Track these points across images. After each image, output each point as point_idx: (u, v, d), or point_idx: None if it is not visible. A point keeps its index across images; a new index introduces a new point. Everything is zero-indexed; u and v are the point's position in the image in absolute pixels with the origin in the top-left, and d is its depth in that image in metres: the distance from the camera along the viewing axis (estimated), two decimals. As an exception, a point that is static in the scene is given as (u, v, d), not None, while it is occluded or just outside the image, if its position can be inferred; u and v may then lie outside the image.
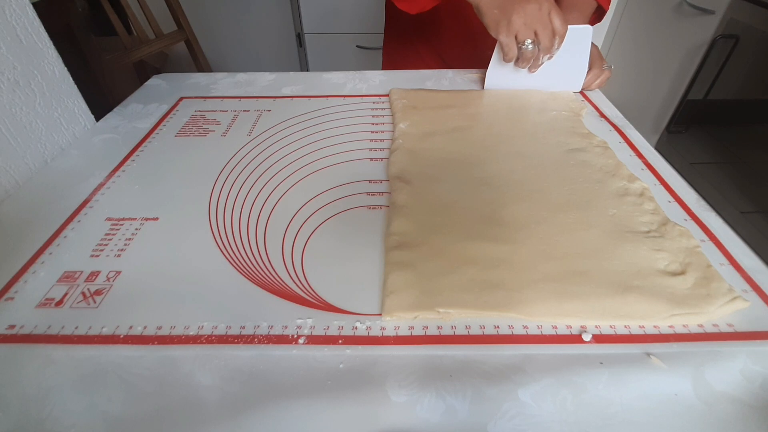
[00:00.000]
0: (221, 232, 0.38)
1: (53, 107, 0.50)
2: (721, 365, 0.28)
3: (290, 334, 0.30)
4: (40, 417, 0.25)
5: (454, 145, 0.49)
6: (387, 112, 0.57)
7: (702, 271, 0.33)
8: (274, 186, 0.44)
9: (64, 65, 0.51)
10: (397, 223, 0.38)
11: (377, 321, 0.31)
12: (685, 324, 0.30)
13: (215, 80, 0.67)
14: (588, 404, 0.26)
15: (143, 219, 0.40)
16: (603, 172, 0.44)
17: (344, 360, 0.28)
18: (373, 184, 0.44)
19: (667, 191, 0.43)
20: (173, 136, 0.53)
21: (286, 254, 0.36)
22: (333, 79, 0.66)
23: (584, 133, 0.51)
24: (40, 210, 0.41)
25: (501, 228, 0.37)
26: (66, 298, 0.32)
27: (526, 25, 0.51)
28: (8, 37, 0.44)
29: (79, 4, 1.04)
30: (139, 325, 0.30)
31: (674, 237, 0.36)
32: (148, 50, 1.09)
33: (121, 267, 0.35)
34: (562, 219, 0.38)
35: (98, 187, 0.44)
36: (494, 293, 0.32)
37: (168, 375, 0.28)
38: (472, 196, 0.41)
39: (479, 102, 0.58)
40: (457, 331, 0.30)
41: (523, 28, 0.51)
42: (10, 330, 0.30)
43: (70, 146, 0.51)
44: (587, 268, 0.34)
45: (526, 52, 0.53)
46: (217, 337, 0.30)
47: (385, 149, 0.50)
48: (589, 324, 0.30)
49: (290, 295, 0.33)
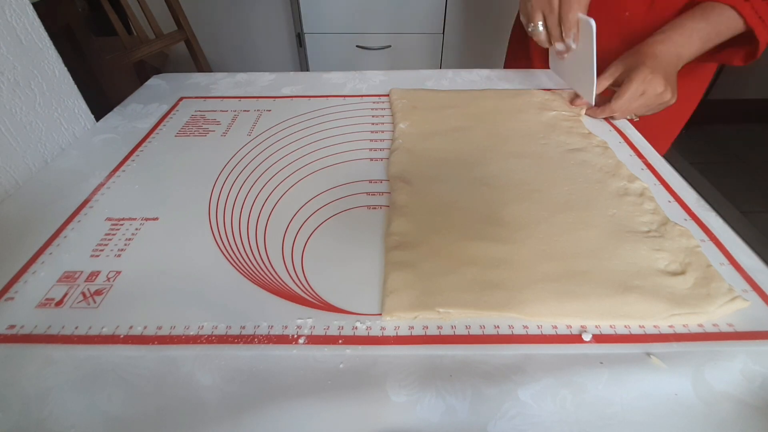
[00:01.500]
0: (221, 232, 0.38)
1: (53, 107, 0.50)
2: (721, 365, 0.28)
3: (290, 334, 0.30)
4: (40, 417, 0.25)
5: (454, 145, 0.49)
6: (387, 112, 0.57)
7: (702, 270, 0.33)
8: (274, 186, 0.44)
9: (64, 65, 0.51)
10: (397, 223, 0.38)
11: (377, 321, 0.31)
12: (685, 324, 0.30)
13: (215, 80, 0.67)
14: (588, 404, 0.26)
15: (143, 219, 0.40)
16: (603, 172, 0.44)
17: (344, 360, 0.28)
18: (373, 184, 0.44)
19: (667, 191, 0.43)
20: (173, 136, 0.53)
21: (286, 254, 0.36)
22: (333, 79, 0.66)
23: (584, 133, 0.51)
24: (40, 210, 0.41)
25: (501, 228, 0.37)
26: (66, 298, 0.32)
27: (534, 8, 0.53)
28: (8, 37, 0.44)
29: (79, 4, 1.04)
30: (139, 325, 0.30)
31: (674, 237, 0.36)
32: (148, 50, 1.09)
33: (121, 267, 0.35)
34: (562, 219, 0.38)
35: (98, 187, 0.44)
36: (494, 293, 0.32)
37: (168, 375, 0.28)
38: (472, 196, 0.41)
39: (479, 102, 0.58)
40: (457, 331, 0.30)
41: (531, 11, 0.53)
42: (10, 330, 0.30)
43: (70, 146, 0.51)
44: (587, 268, 0.34)
45: (534, 34, 0.54)
46: (217, 337, 0.30)
47: (385, 149, 0.50)
48: (589, 324, 0.30)
49: (290, 295, 0.33)
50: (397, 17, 1.46)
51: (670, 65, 0.51)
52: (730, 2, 0.50)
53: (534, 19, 0.53)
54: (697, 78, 0.65)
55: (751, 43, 0.52)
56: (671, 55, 0.51)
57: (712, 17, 0.51)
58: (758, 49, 0.52)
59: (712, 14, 0.51)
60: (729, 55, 0.56)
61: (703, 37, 0.52)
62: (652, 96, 0.49)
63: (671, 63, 0.51)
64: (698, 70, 0.63)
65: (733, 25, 0.51)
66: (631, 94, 0.49)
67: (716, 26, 0.51)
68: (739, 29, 0.51)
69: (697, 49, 0.52)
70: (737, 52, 0.55)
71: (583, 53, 0.51)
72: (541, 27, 0.53)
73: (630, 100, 0.50)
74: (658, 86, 0.49)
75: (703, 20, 0.52)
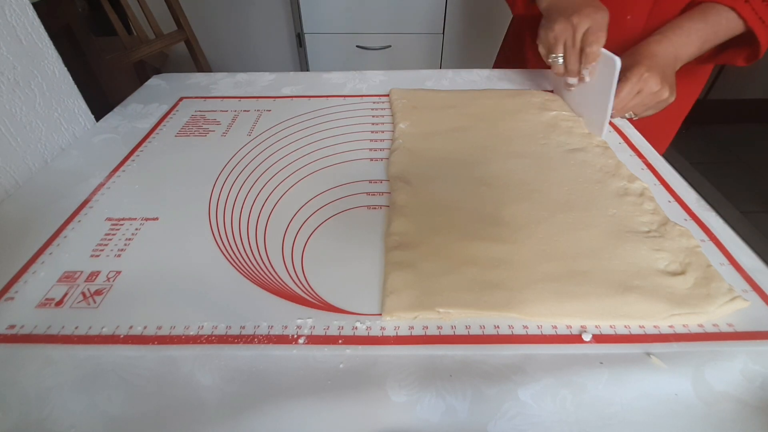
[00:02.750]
0: (221, 232, 0.38)
1: (53, 107, 0.50)
2: (721, 365, 0.28)
3: (290, 334, 0.30)
4: (40, 417, 0.25)
5: (454, 145, 0.49)
6: (387, 112, 0.57)
7: (702, 270, 0.33)
8: (274, 186, 0.44)
9: (64, 65, 0.51)
10: (397, 223, 0.38)
11: (377, 321, 0.31)
12: (685, 324, 0.30)
13: (215, 80, 0.67)
14: (588, 404, 0.26)
15: (143, 219, 0.40)
16: (603, 172, 0.44)
17: (344, 360, 0.28)
18: (373, 184, 0.44)
19: (667, 191, 0.43)
20: (173, 136, 0.53)
21: (286, 254, 0.36)
22: (333, 79, 0.66)
23: (584, 133, 0.51)
24: (40, 210, 0.41)
25: (501, 228, 0.37)
26: (66, 298, 0.32)
27: (557, 39, 0.51)
28: (8, 37, 0.44)
29: (79, 4, 1.04)
30: (139, 325, 0.30)
31: (674, 237, 0.36)
32: (148, 50, 1.09)
33: (121, 267, 0.35)
34: (562, 219, 0.38)
35: (98, 187, 0.44)
36: (494, 293, 0.32)
37: (168, 375, 0.28)
38: (472, 196, 0.41)
39: (479, 102, 0.58)
40: (457, 331, 0.30)
41: (554, 42, 0.51)
42: (10, 330, 0.30)
43: (70, 146, 0.51)
44: (587, 268, 0.34)
45: (554, 66, 0.53)
46: (217, 337, 0.30)
47: (385, 149, 0.50)
48: (589, 324, 0.30)
49: (290, 295, 0.33)
50: (397, 17, 1.46)
51: (668, 65, 0.50)
52: (729, 3, 0.50)
53: (556, 51, 0.51)
54: (694, 77, 0.65)
55: (752, 43, 0.52)
56: (668, 55, 0.51)
57: (711, 18, 0.51)
58: (760, 49, 0.52)
59: (711, 15, 0.51)
60: (731, 55, 0.56)
61: (702, 38, 0.51)
62: (649, 94, 0.49)
63: (669, 63, 0.51)
64: (695, 70, 0.63)
65: (732, 26, 0.51)
66: (627, 92, 0.49)
67: (714, 27, 0.51)
68: (738, 30, 0.51)
69: (696, 49, 0.52)
70: (739, 53, 0.55)
71: (600, 87, 0.49)
72: (560, 60, 0.52)
73: (626, 99, 0.49)
74: (654, 84, 0.48)
75: (702, 21, 0.51)
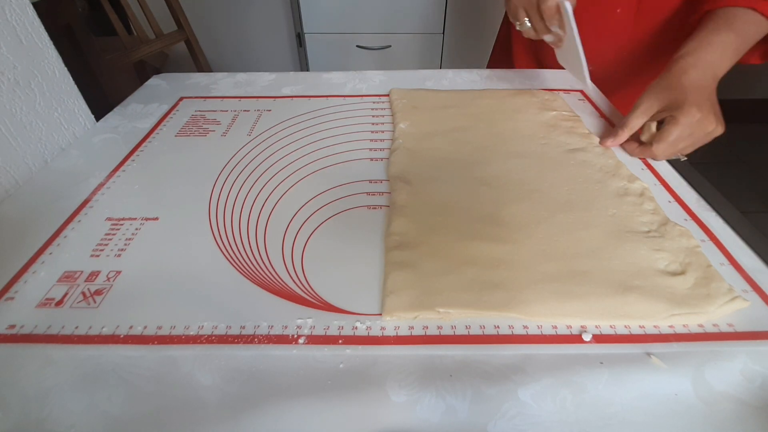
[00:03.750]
0: (221, 231, 0.38)
1: (53, 107, 0.50)
2: (721, 365, 0.28)
3: (290, 334, 0.30)
4: (40, 417, 0.25)
5: (454, 145, 0.49)
6: (387, 112, 0.57)
7: (702, 271, 0.33)
8: (274, 186, 0.44)
9: (64, 65, 0.51)
10: (397, 223, 0.38)
11: (377, 321, 0.31)
12: (685, 324, 0.30)
13: (215, 80, 0.67)
14: (588, 404, 0.26)
15: (143, 219, 0.40)
16: (603, 172, 0.44)
17: (344, 360, 0.28)
18: (373, 184, 0.44)
19: (667, 191, 0.43)
20: (173, 136, 0.53)
21: (286, 254, 0.36)
22: (333, 79, 0.66)
23: (584, 133, 0.51)
24: (40, 210, 0.41)
25: (501, 228, 0.37)
26: (66, 298, 0.32)
27: (516, 6, 0.53)
28: (8, 37, 0.44)
29: (79, 4, 1.04)
30: (139, 325, 0.30)
31: (674, 237, 0.36)
32: (148, 50, 1.09)
33: (121, 267, 0.35)
34: (562, 219, 0.38)
35: (98, 187, 0.44)
36: (494, 293, 0.32)
37: (168, 375, 0.28)
38: (472, 196, 0.41)
39: (479, 102, 0.58)
40: (457, 331, 0.30)
41: (515, 10, 0.53)
42: (10, 330, 0.30)
43: (70, 146, 0.51)
44: (587, 268, 0.34)
45: (523, 31, 0.55)
46: (217, 337, 0.30)
47: (385, 149, 0.50)
48: (589, 324, 0.30)
49: (290, 295, 0.33)
50: (397, 17, 1.46)
51: (713, 93, 0.46)
52: (747, 4, 0.47)
53: (519, 17, 0.53)
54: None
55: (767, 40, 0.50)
56: (709, 80, 0.46)
57: (737, 25, 0.48)
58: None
59: (736, 22, 0.48)
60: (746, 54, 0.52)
61: (735, 50, 0.48)
62: (702, 136, 0.45)
63: (712, 90, 0.46)
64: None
65: (761, 29, 0.48)
66: (677, 136, 0.44)
67: (744, 35, 0.48)
68: (764, 32, 0.49)
69: (731, 63, 0.48)
70: (754, 51, 0.52)
71: (568, 36, 0.51)
72: (528, 23, 0.53)
73: (675, 143, 0.45)
74: (709, 125, 0.44)
75: (731, 31, 0.48)
